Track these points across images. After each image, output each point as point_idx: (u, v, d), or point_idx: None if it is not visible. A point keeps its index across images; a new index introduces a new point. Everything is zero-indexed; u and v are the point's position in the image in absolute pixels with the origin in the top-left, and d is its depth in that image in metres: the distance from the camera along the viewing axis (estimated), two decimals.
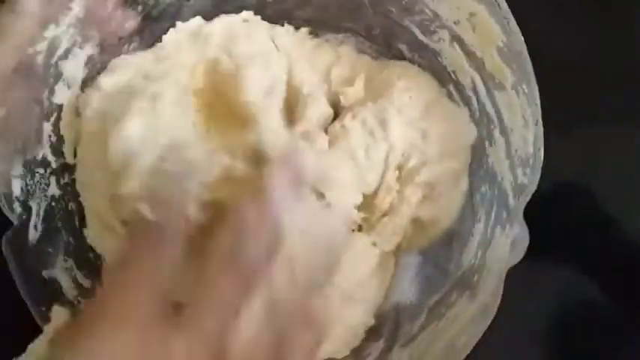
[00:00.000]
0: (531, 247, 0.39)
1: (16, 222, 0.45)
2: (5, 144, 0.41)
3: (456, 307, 0.43)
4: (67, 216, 0.49)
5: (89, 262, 0.49)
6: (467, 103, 0.47)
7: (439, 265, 0.47)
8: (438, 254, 0.47)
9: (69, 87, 0.48)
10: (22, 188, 0.46)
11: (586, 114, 0.54)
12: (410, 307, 0.46)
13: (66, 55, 0.47)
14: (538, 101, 0.41)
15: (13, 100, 0.41)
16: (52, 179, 0.48)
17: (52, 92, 0.47)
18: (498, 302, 0.39)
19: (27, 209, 0.46)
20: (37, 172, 0.47)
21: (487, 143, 0.46)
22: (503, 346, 0.49)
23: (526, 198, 0.40)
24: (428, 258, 0.48)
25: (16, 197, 0.45)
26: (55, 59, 0.46)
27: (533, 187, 0.40)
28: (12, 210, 0.45)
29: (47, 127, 0.48)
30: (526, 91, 0.41)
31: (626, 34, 0.56)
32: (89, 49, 0.48)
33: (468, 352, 0.39)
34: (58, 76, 0.47)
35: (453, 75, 0.48)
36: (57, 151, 0.49)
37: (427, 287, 0.47)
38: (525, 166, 0.41)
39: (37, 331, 0.42)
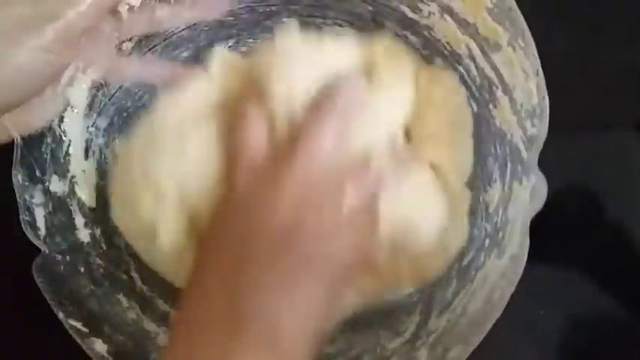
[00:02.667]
0: (535, 252, 0.39)
1: (43, 248, 0.46)
2: None
3: (486, 266, 0.43)
4: (94, 240, 0.49)
5: (121, 281, 0.50)
6: (465, 70, 0.48)
7: None
8: None
9: (77, 113, 0.50)
10: (44, 217, 0.47)
11: (587, 117, 0.54)
12: (439, 277, 0.46)
13: (71, 82, 0.48)
14: (535, 52, 0.41)
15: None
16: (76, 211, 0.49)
17: (61, 120, 0.49)
18: (526, 251, 0.39)
19: (52, 235, 0.47)
20: (58, 203, 0.48)
21: (491, 105, 0.46)
22: (508, 353, 0.50)
23: (538, 147, 0.40)
24: None
25: (39, 225, 0.46)
26: (61, 87, 0.48)
27: (543, 135, 0.40)
28: (37, 237, 0.46)
29: (60, 160, 0.49)
30: (522, 44, 0.42)
31: (627, 34, 0.56)
32: (92, 74, 0.50)
33: (504, 305, 0.39)
34: (66, 103, 0.48)
35: (447, 46, 0.49)
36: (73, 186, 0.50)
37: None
38: (533, 117, 0.41)
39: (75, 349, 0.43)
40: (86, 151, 0.51)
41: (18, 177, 0.46)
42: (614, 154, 0.54)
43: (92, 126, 0.51)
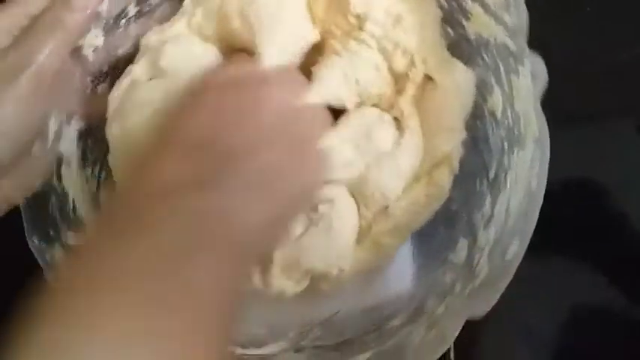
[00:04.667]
0: (538, 245, 0.39)
1: None
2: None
3: (513, 166, 0.43)
4: None
5: None
6: None
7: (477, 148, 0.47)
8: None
9: (72, 166, 0.49)
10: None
11: (591, 110, 0.55)
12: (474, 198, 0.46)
13: (58, 136, 0.48)
14: None
15: None
16: None
17: (59, 178, 0.48)
18: (547, 131, 0.38)
19: None
20: None
21: (464, 21, 0.46)
22: (508, 346, 0.50)
23: (523, 33, 0.40)
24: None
25: None
26: (49, 144, 0.47)
27: (524, 21, 0.40)
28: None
29: (69, 216, 0.48)
30: None
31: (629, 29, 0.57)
32: (76, 124, 0.49)
33: (545, 186, 0.38)
34: (59, 159, 0.48)
35: None
36: None
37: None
38: (509, 9, 0.41)
39: None
40: (93, 200, 0.50)
41: (34, 241, 0.45)
42: (616, 149, 0.55)
43: (91, 176, 0.51)
